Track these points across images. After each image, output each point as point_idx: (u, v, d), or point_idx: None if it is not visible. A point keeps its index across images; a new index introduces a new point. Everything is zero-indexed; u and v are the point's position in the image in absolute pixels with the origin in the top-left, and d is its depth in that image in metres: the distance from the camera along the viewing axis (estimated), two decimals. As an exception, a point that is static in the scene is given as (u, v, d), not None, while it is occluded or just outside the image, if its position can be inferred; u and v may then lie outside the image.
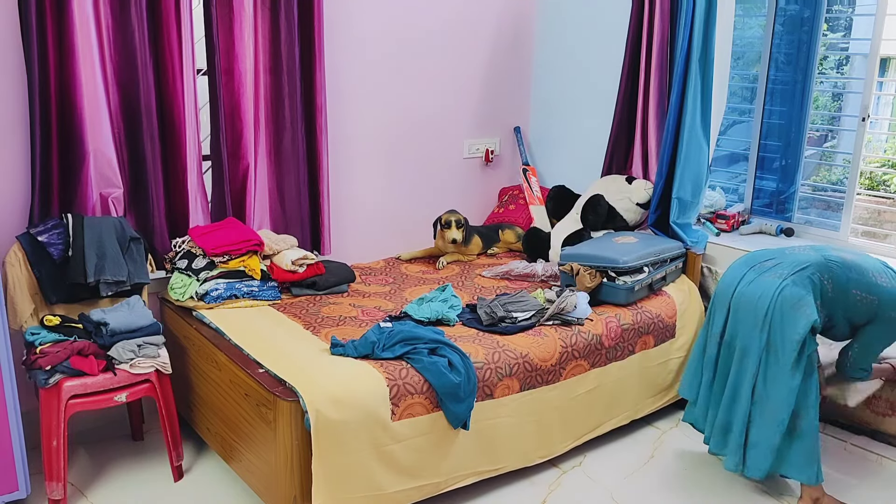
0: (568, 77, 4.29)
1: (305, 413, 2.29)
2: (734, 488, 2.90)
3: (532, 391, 2.80)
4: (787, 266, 2.67)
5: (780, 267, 2.68)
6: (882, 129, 4.43)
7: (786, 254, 2.76)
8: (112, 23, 2.96)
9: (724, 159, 4.26)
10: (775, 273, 2.67)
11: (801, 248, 2.81)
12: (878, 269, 2.67)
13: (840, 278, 2.63)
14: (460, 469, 2.66)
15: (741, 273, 2.76)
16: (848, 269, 2.64)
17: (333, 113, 3.66)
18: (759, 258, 2.79)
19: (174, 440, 2.79)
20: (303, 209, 3.57)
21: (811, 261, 2.66)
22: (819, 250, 2.74)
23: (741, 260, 2.86)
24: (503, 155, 4.52)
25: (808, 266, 2.65)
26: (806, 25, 3.75)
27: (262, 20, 3.33)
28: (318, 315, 3.01)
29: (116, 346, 2.64)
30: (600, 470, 2.99)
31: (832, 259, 2.67)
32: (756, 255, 2.84)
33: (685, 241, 3.55)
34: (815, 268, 2.64)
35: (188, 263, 3.08)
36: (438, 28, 4.03)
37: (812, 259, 2.67)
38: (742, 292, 2.71)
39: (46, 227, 2.82)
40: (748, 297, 2.69)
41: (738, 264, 2.83)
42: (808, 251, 2.75)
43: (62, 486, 2.58)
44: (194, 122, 3.21)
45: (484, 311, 2.96)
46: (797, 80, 3.80)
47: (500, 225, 4.17)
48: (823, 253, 2.71)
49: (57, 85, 2.87)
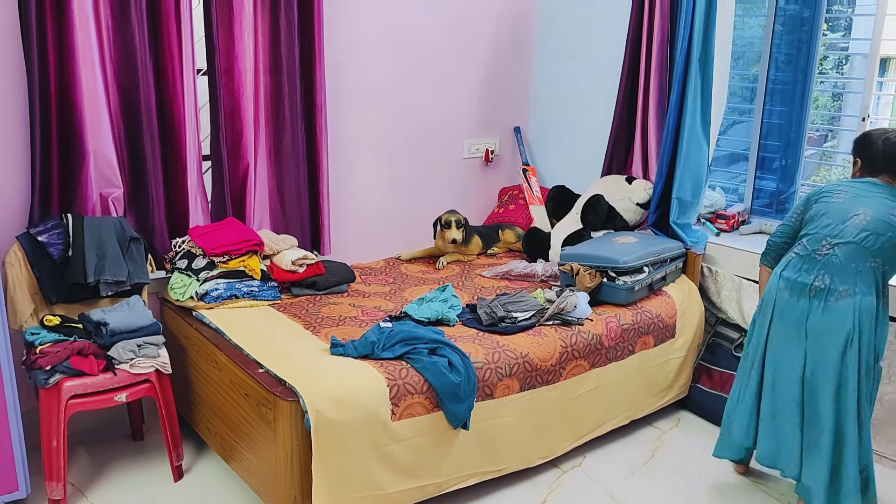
0: (568, 77, 4.29)
1: (305, 413, 2.29)
2: (734, 488, 2.90)
3: (532, 391, 2.80)
4: (842, 277, 2.51)
5: (838, 280, 2.51)
6: (882, 129, 4.43)
7: (821, 262, 2.56)
8: (112, 23, 2.95)
9: (724, 159, 4.26)
10: (840, 291, 2.50)
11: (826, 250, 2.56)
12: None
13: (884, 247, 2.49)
14: (461, 469, 2.66)
15: (801, 305, 2.57)
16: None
17: (333, 113, 3.66)
18: (803, 280, 2.57)
19: (174, 440, 2.79)
20: (303, 209, 3.57)
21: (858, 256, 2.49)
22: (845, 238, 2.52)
23: (782, 286, 2.64)
24: (503, 155, 4.52)
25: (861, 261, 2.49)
26: (806, 25, 3.75)
27: (262, 20, 3.33)
28: (318, 315, 3.01)
29: (116, 346, 2.64)
30: (600, 470, 2.99)
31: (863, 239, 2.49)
32: (796, 278, 2.60)
33: (685, 241, 3.55)
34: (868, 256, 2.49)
35: (188, 263, 3.08)
36: (439, 28, 4.03)
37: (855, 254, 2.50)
38: (814, 325, 2.54)
39: (46, 227, 2.82)
40: (825, 325, 2.52)
41: (781, 290, 2.64)
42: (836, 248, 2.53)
43: (62, 486, 2.58)
44: (194, 122, 3.21)
45: (484, 311, 2.96)
46: (797, 80, 3.80)
47: (500, 225, 4.17)
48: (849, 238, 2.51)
49: (57, 85, 2.87)
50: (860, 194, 2.55)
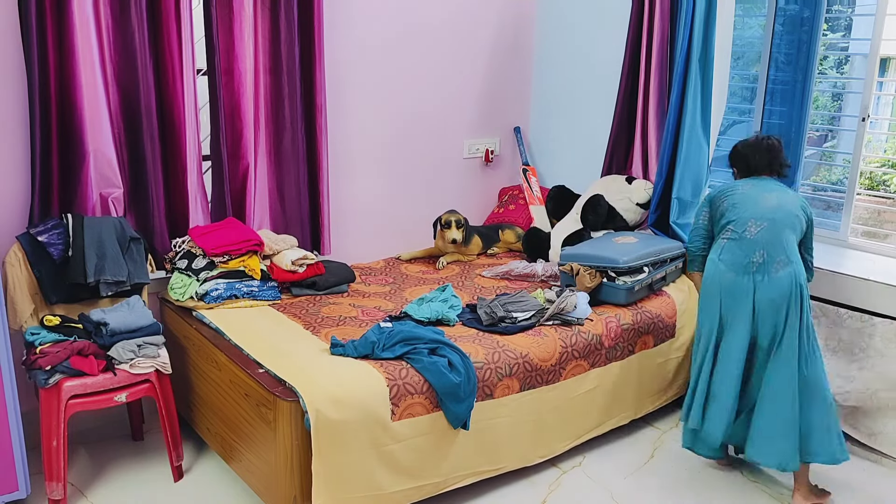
0: (568, 77, 4.29)
1: (305, 413, 2.29)
2: (734, 488, 2.90)
3: (532, 391, 2.80)
4: (775, 249, 2.70)
5: (774, 255, 2.69)
6: (882, 129, 4.43)
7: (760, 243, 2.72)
8: (112, 23, 2.96)
9: (724, 159, 4.24)
10: (779, 266, 2.68)
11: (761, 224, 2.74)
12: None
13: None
14: (460, 469, 2.66)
15: (744, 281, 2.71)
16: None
17: (333, 113, 3.66)
18: (742, 260, 2.73)
19: (174, 440, 2.79)
20: (303, 209, 3.57)
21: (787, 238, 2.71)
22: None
23: (723, 269, 2.77)
24: (503, 155, 4.52)
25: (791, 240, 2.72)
26: (806, 25, 3.75)
27: (262, 20, 3.33)
28: (318, 315, 3.01)
29: (116, 346, 2.64)
30: (600, 470, 2.99)
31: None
32: (734, 257, 2.76)
33: (685, 241, 3.54)
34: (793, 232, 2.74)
35: (188, 263, 3.08)
36: (439, 28, 4.03)
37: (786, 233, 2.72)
38: (762, 297, 2.69)
39: (46, 227, 2.82)
40: (769, 297, 2.68)
41: (723, 272, 2.77)
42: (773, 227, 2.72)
43: (62, 486, 2.58)
44: (194, 122, 3.21)
45: (484, 311, 2.96)
46: (797, 80, 3.80)
47: (500, 225, 4.17)
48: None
49: (57, 85, 2.87)
50: (760, 186, 2.80)
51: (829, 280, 3.18)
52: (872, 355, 3.07)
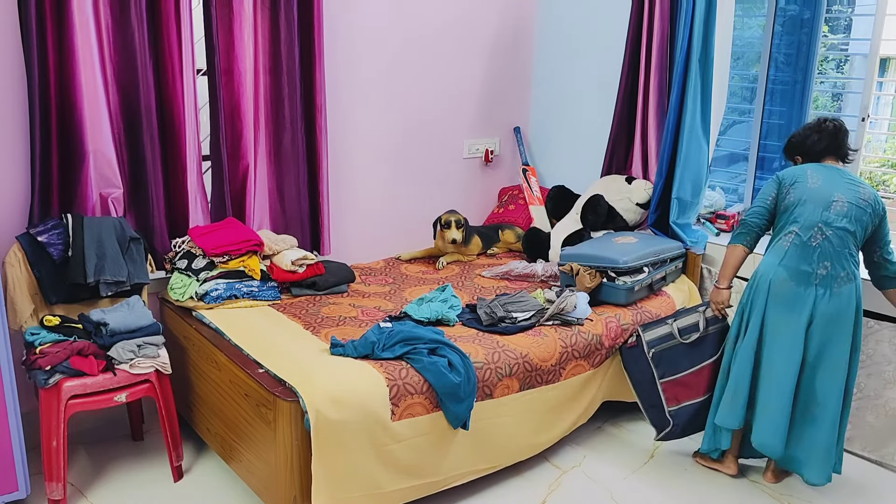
0: (568, 77, 4.29)
1: (305, 413, 2.29)
2: (734, 488, 2.90)
3: (532, 391, 2.80)
4: (840, 262, 2.63)
5: (839, 269, 2.63)
6: (882, 129, 4.44)
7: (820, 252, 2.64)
8: (112, 23, 2.95)
9: (724, 159, 4.26)
10: (842, 281, 2.64)
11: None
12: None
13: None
14: (459, 468, 2.66)
15: (805, 293, 2.65)
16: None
17: (333, 113, 3.66)
18: (806, 269, 2.65)
19: (174, 440, 2.79)
20: (303, 209, 3.57)
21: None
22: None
23: (784, 276, 2.68)
24: (503, 155, 4.52)
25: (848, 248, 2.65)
26: (806, 26, 3.75)
27: (262, 20, 3.33)
28: (318, 315, 3.01)
29: (116, 346, 2.64)
30: (600, 470, 2.99)
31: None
32: (798, 265, 2.67)
33: (685, 241, 3.55)
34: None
35: (188, 263, 3.08)
36: (439, 28, 4.03)
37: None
38: (823, 312, 2.63)
39: (46, 227, 2.82)
40: (828, 314, 2.63)
41: (783, 280, 2.68)
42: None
43: (62, 486, 2.58)
44: (194, 122, 3.21)
45: (484, 311, 2.96)
46: (797, 80, 3.81)
47: (500, 225, 4.17)
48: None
49: (57, 85, 2.87)
50: (829, 180, 2.67)
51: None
52: (879, 361, 3.06)
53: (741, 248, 2.82)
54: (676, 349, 2.99)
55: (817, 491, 2.88)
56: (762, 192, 2.80)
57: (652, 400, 3.04)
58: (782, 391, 2.69)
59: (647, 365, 3.01)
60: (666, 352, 2.99)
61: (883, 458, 3.08)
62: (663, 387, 3.00)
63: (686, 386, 2.99)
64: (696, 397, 2.98)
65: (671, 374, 2.99)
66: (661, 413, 3.02)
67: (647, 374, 3.02)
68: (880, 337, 3.04)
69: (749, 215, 2.81)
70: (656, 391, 3.01)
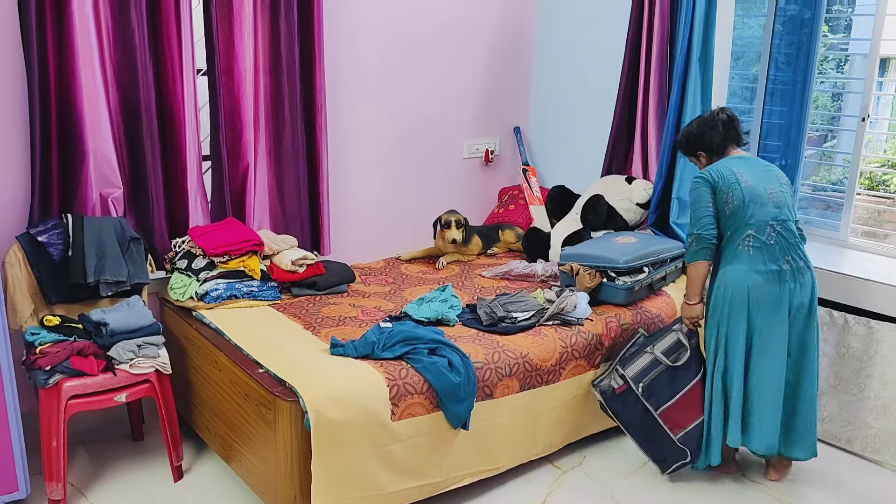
0: (568, 77, 4.29)
1: (305, 413, 2.29)
2: (734, 488, 2.90)
3: (532, 391, 2.80)
4: (795, 252, 2.73)
5: (797, 260, 2.73)
6: (882, 129, 4.44)
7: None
8: (112, 23, 2.96)
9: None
10: (803, 271, 2.73)
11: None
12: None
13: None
14: (460, 469, 2.66)
15: (782, 291, 2.71)
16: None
17: (333, 113, 3.66)
18: (774, 268, 2.70)
19: (174, 440, 2.79)
20: (303, 209, 3.57)
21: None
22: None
23: (760, 281, 2.70)
24: (503, 155, 4.52)
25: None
26: (806, 26, 3.75)
27: (262, 20, 3.33)
28: (318, 315, 3.01)
29: (116, 346, 2.64)
30: (600, 470, 2.99)
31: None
32: (767, 266, 2.70)
33: (685, 241, 3.54)
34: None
35: (188, 263, 3.08)
36: (439, 28, 4.03)
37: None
38: (796, 302, 2.72)
39: (46, 227, 2.82)
40: (800, 303, 2.73)
41: (760, 285, 2.70)
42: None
43: (62, 486, 2.58)
44: (194, 122, 3.21)
45: (484, 311, 2.96)
46: (797, 80, 3.80)
47: (500, 225, 4.17)
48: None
49: (57, 85, 2.87)
50: (754, 173, 2.73)
51: (834, 281, 3.16)
52: (879, 361, 3.06)
53: (705, 263, 2.76)
54: (662, 376, 2.87)
55: (818, 492, 2.88)
56: (697, 200, 2.75)
57: (650, 435, 2.88)
58: (777, 391, 2.73)
59: (638, 400, 2.85)
60: (654, 382, 2.86)
61: (883, 458, 3.07)
62: (662, 417, 2.85)
63: (683, 410, 2.86)
64: (697, 417, 2.87)
65: (665, 402, 2.86)
66: (667, 444, 2.86)
67: (637, 410, 2.86)
68: (880, 337, 3.04)
69: (701, 229, 2.73)
70: (657, 424, 2.86)
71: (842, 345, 3.14)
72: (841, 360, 3.15)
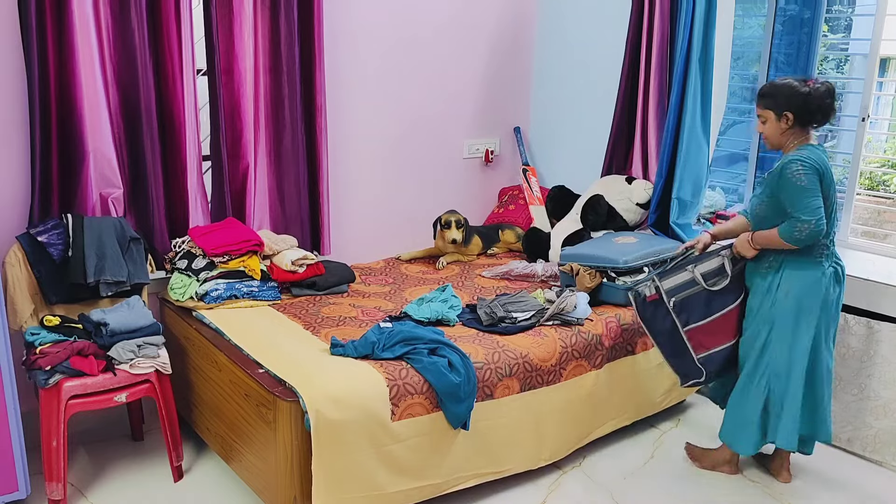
0: (568, 77, 4.29)
1: (305, 413, 2.29)
2: (735, 488, 2.90)
3: (532, 391, 2.80)
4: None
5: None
6: (882, 129, 4.43)
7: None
8: (112, 23, 2.96)
9: (724, 159, 4.26)
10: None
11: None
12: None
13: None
14: (461, 470, 2.66)
15: (839, 292, 2.72)
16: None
17: (333, 113, 3.66)
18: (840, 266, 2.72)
19: (174, 440, 2.79)
20: (303, 209, 3.57)
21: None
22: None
23: (833, 283, 2.70)
24: (503, 155, 4.52)
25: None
26: (806, 26, 3.76)
27: (262, 20, 3.33)
28: (318, 315, 3.01)
29: (116, 346, 2.64)
30: (600, 470, 2.99)
31: None
32: (838, 268, 2.71)
33: (685, 241, 3.54)
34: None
35: (188, 264, 3.08)
36: (439, 28, 4.03)
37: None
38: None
39: (46, 227, 2.82)
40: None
41: (832, 287, 2.69)
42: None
43: (62, 486, 2.58)
44: (194, 123, 3.21)
45: (484, 311, 2.96)
46: (797, 80, 3.80)
47: (500, 225, 4.17)
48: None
49: (57, 85, 2.87)
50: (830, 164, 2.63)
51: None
52: (879, 361, 3.06)
53: (796, 248, 2.59)
54: (698, 296, 2.77)
55: (818, 492, 2.88)
56: (810, 188, 2.49)
57: (676, 349, 2.81)
58: (801, 385, 2.71)
59: (668, 314, 2.76)
60: (687, 299, 2.76)
61: (883, 458, 3.08)
62: (688, 335, 2.77)
63: (712, 333, 2.79)
64: (725, 342, 2.81)
65: (695, 322, 2.77)
66: (689, 362, 2.81)
67: (667, 323, 2.79)
68: (880, 337, 3.04)
69: (818, 223, 2.50)
70: (681, 340, 2.78)
71: (842, 345, 3.14)
72: (841, 360, 3.15)
